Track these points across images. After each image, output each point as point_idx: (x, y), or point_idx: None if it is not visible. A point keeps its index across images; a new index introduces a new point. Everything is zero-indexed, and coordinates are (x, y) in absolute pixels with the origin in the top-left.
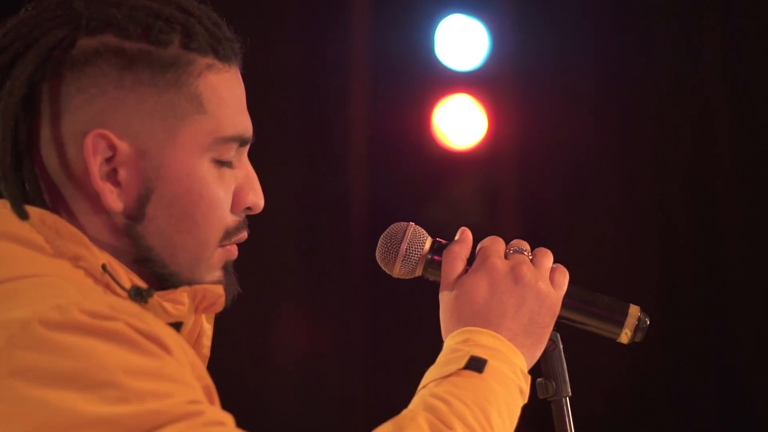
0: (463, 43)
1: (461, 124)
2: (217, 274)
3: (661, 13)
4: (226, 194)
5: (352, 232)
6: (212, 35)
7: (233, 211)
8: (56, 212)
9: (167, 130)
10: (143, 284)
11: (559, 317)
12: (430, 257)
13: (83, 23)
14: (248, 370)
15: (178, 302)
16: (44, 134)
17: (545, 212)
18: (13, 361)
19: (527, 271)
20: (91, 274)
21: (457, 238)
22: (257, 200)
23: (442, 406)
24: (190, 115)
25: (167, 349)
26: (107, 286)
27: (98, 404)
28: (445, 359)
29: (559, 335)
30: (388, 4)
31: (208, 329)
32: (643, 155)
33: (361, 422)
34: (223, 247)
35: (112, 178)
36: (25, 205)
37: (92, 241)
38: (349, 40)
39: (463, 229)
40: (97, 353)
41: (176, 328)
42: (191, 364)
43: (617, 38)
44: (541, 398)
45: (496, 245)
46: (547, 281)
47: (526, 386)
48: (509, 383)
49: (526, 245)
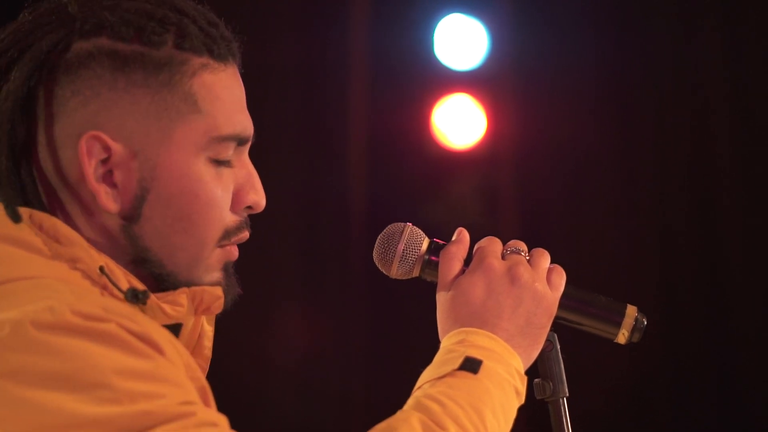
0: (462, 42)
1: (460, 123)
2: (216, 275)
3: (660, 12)
4: (224, 193)
5: (351, 231)
6: (207, 35)
7: (233, 210)
8: (54, 214)
9: (162, 130)
10: (141, 286)
11: (556, 318)
12: (427, 258)
13: (77, 27)
14: (247, 369)
15: (176, 304)
16: (41, 137)
17: (544, 212)
18: (5, 363)
19: (524, 271)
20: (88, 276)
21: (454, 238)
22: (258, 199)
23: (435, 407)
24: (184, 114)
25: (160, 350)
26: (105, 287)
27: (90, 405)
28: (440, 360)
29: (556, 336)
30: (387, 3)
31: (208, 330)
32: (642, 155)
33: (360, 422)
34: (222, 247)
35: (107, 179)
36: (24, 207)
37: (90, 242)
38: (348, 39)
39: (460, 229)
40: (88, 354)
41: (176, 329)
42: (185, 364)
43: (617, 38)
44: (538, 399)
45: (493, 246)
46: (543, 282)
47: (522, 387)
48: (504, 384)
49: (523, 246)
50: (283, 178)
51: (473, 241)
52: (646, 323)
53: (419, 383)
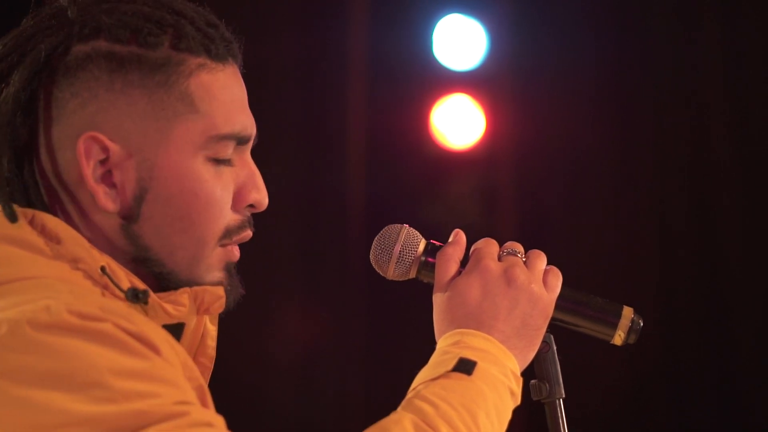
0: (461, 42)
1: (459, 123)
2: (217, 274)
3: (659, 13)
4: (224, 192)
5: (349, 231)
6: (205, 35)
7: (235, 209)
8: (55, 215)
9: (159, 130)
10: (142, 286)
11: (552, 319)
12: (423, 259)
13: (76, 30)
14: (245, 368)
15: (178, 303)
16: (42, 139)
17: (543, 212)
18: (2, 362)
19: (520, 273)
20: (90, 276)
21: (450, 240)
22: (260, 198)
23: (428, 408)
24: (181, 114)
25: (156, 349)
26: (106, 287)
27: (85, 404)
28: (435, 361)
29: (552, 337)
30: (386, 3)
31: (212, 330)
32: (641, 155)
33: (358, 421)
34: (224, 246)
35: (107, 179)
36: (27, 207)
37: (91, 241)
38: (347, 39)
39: (456, 231)
40: (84, 354)
41: (179, 329)
42: (183, 364)
43: (616, 38)
44: (534, 400)
45: (489, 247)
46: (540, 283)
47: (517, 388)
48: (499, 385)
49: (519, 247)
50: (282, 177)
51: (471, 241)
52: (642, 325)
53: (414, 384)
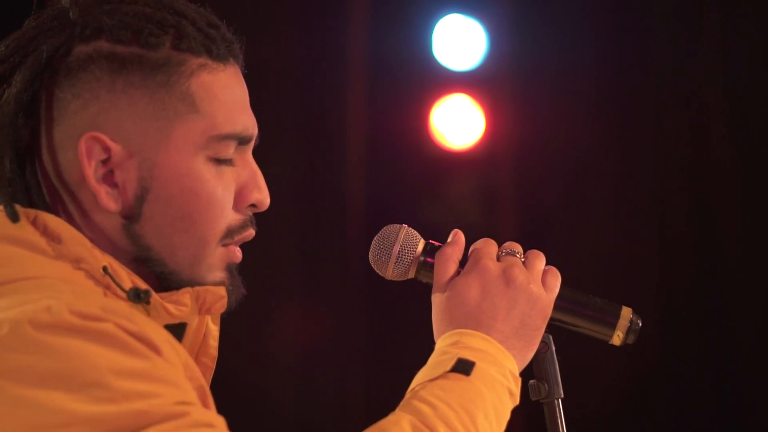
0: (460, 42)
1: (459, 124)
2: (219, 274)
3: (659, 13)
4: (225, 192)
5: (349, 231)
6: (206, 36)
7: (237, 208)
8: (57, 215)
9: (160, 130)
10: (144, 285)
11: (551, 319)
12: (422, 259)
13: (78, 31)
14: (244, 368)
15: (180, 303)
16: (44, 140)
17: (543, 212)
18: (3, 361)
19: (519, 273)
20: (92, 276)
21: (449, 240)
22: (261, 198)
23: (426, 409)
24: (182, 114)
25: (157, 350)
26: (108, 287)
27: (85, 403)
28: (433, 362)
29: (551, 337)
30: (386, 3)
31: (214, 330)
32: (641, 156)
33: (357, 420)
34: (226, 246)
35: (108, 179)
36: (29, 208)
37: (92, 241)
38: (346, 39)
39: (455, 231)
40: (85, 354)
41: (181, 329)
42: (184, 364)
43: (615, 38)
44: (533, 400)
45: (488, 247)
46: (539, 283)
47: (516, 388)
48: (497, 386)
49: (518, 247)
50: (282, 177)
51: (470, 241)
52: (641, 325)
53: (412, 385)
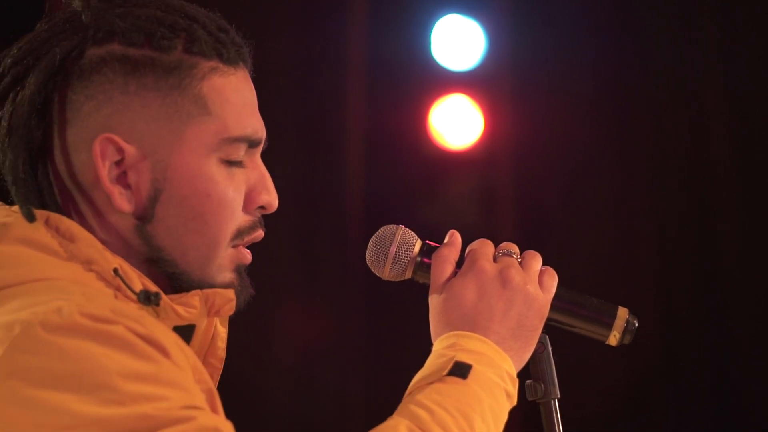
0: (459, 43)
1: (458, 124)
2: (228, 275)
3: (658, 13)
4: (236, 194)
5: (348, 231)
6: (217, 39)
7: (246, 210)
8: (69, 216)
9: (173, 132)
10: (154, 288)
11: (547, 320)
12: (419, 260)
13: (91, 34)
14: (245, 368)
15: (189, 305)
16: (56, 141)
17: (541, 213)
18: (14, 362)
19: (515, 274)
20: (102, 277)
21: (446, 241)
22: (270, 200)
23: (424, 414)
24: (194, 116)
25: (166, 353)
26: (118, 289)
27: (93, 405)
28: (430, 364)
29: (548, 337)
30: (384, 3)
31: (222, 331)
32: (639, 156)
33: (357, 420)
34: (235, 247)
35: (121, 180)
36: (41, 209)
37: (104, 242)
38: (345, 39)
39: (452, 232)
40: (94, 356)
41: (189, 330)
42: (193, 367)
43: (614, 39)
44: (529, 400)
45: (484, 248)
46: (535, 284)
47: (513, 390)
48: (494, 388)
49: (515, 248)
50: (281, 177)
51: (469, 241)
52: (637, 325)
53: (410, 388)
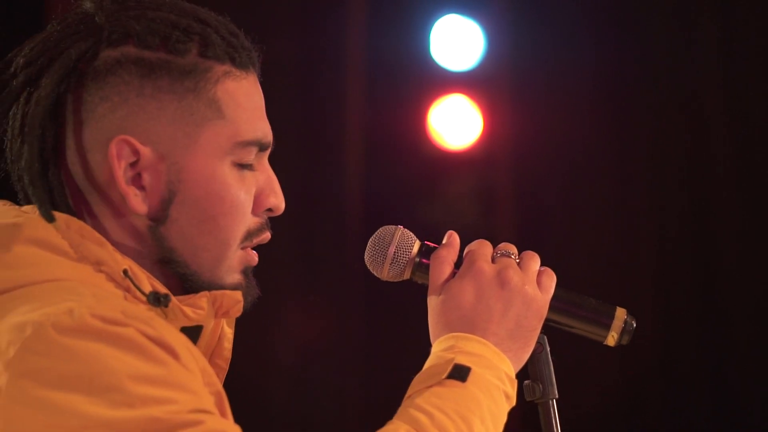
0: (458, 43)
1: (457, 124)
2: (236, 277)
3: (657, 13)
4: (247, 196)
5: (347, 231)
6: (229, 44)
7: (254, 213)
8: (81, 217)
9: (188, 134)
10: (163, 289)
11: (546, 320)
12: (418, 260)
13: (105, 36)
14: (244, 369)
15: (197, 307)
16: (70, 142)
17: (540, 213)
18: (25, 363)
19: (513, 274)
20: (112, 278)
21: (444, 242)
22: (278, 203)
23: (423, 418)
24: (209, 119)
25: (176, 355)
26: (128, 290)
27: (102, 407)
28: (429, 367)
29: (546, 338)
30: (383, 4)
31: (228, 332)
32: (639, 156)
33: (356, 420)
34: (244, 249)
35: (136, 182)
36: (51, 210)
37: (117, 243)
38: (344, 40)
39: (450, 232)
40: (105, 358)
41: (197, 331)
42: (201, 370)
43: (613, 39)
44: (528, 400)
45: (483, 249)
46: (534, 284)
47: (512, 391)
48: (493, 390)
49: (513, 248)
50: (280, 177)
51: (467, 241)
52: (635, 326)
53: (409, 391)
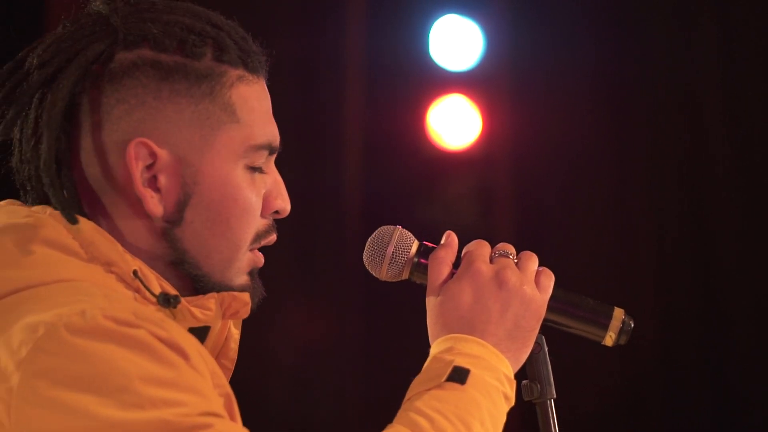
0: (457, 43)
1: (456, 124)
2: (244, 278)
3: (656, 13)
4: (257, 199)
5: (346, 231)
6: (241, 48)
7: (262, 215)
8: (94, 218)
9: (204, 138)
10: (173, 291)
11: (544, 320)
12: (416, 260)
13: (120, 38)
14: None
15: (205, 308)
16: (85, 143)
17: (540, 213)
18: (37, 363)
19: (511, 275)
20: (122, 279)
21: (442, 242)
22: (285, 205)
23: (423, 422)
24: (224, 123)
25: (186, 357)
26: (137, 291)
27: (112, 409)
28: (428, 369)
29: (544, 338)
30: (382, 4)
31: (235, 333)
32: (638, 156)
33: (356, 420)
34: (252, 250)
35: (152, 184)
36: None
37: (131, 245)
38: (343, 40)
39: (448, 233)
40: (116, 359)
41: (204, 332)
42: (211, 372)
43: (612, 39)
44: (526, 400)
45: (481, 249)
46: (532, 284)
47: (511, 392)
48: (492, 391)
49: (511, 248)
50: None
51: (466, 241)
52: (633, 326)
53: (409, 394)
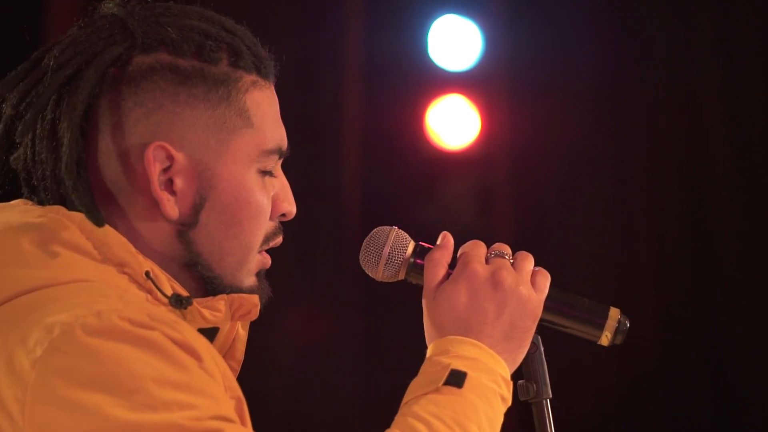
0: (456, 43)
1: (454, 124)
2: (252, 279)
3: (656, 13)
4: (268, 202)
5: (345, 231)
6: (254, 54)
7: (270, 217)
8: (111, 219)
9: (220, 141)
10: (184, 292)
11: (540, 320)
12: (412, 261)
13: (138, 41)
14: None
15: (215, 309)
16: (101, 145)
17: (538, 213)
18: (53, 363)
19: (507, 275)
20: (135, 280)
21: (438, 243)
22: (291, 208)
23: (421, 426)
24: (239, 128)
25: (200, 359)
26: (150, 292)
27: (125, 409)
28: (425, 373)
29: (540, 338)
30: (381, 4)
31: (242, 335)
32: (637, 156)
33: (358, 421)
34: (260, 252)
35: (168, 187)
36: (74, 211)
37: (145, 246)
38: (342, 40)
39: (444, 233)
40: (130, 360)
41: (213, 332)
42: (222, 375)
43: (611, 39)
44: (522, 400)
45: (476, 250)
46: (528, 285)
47: (508, 393)
48: (489, 394)
49: (507, 249)
50: None
51: (465, 241)
52: (628, 326)
53: (406, 398)
